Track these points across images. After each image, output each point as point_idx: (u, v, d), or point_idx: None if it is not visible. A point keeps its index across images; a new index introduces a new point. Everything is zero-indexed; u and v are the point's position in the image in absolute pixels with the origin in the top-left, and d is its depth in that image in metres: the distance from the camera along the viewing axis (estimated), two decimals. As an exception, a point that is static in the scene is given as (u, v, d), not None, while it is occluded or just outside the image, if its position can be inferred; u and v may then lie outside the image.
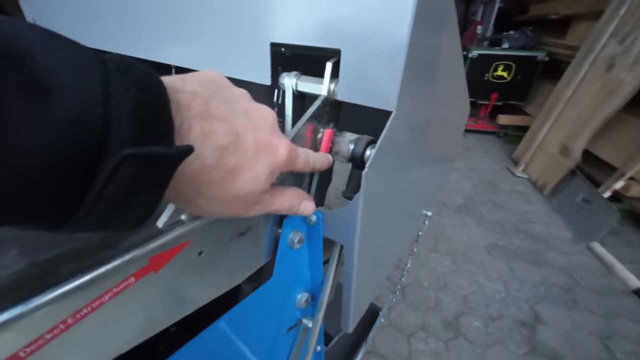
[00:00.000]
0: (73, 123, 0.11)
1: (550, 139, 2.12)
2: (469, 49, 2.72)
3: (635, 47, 1.65)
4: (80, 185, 0.12)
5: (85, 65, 0.12)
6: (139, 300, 0.20)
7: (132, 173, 0.12)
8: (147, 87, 0.13)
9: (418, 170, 0.42)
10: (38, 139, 0.10)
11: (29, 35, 0.11)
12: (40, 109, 0.10)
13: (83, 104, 0.11)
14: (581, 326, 1.19)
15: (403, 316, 1.21)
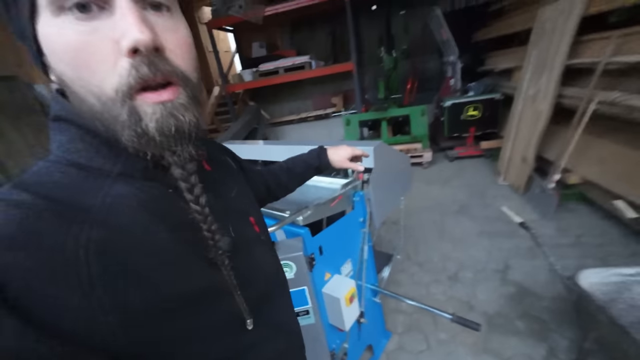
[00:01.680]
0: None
1: (514, 152, 2.92)
2: (444, 99, 3.72)
3: (543, 87, 2.54)
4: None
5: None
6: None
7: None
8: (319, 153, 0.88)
9: (390, 179, 1.32)
10: None
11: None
12: None
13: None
14: (536, 266, 1.87)
15: (422, 277, 1.96)
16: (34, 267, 0.24)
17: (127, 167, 0.31)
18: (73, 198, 0.28)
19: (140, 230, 0.29)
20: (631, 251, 1.85)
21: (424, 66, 6.15)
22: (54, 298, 0.24)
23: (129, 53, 0.26)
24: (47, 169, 0.30)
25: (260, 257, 0.45)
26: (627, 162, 1.96)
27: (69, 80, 0.28)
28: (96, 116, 0.29)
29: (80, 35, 0.26)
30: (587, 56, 2.20)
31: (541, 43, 2.62)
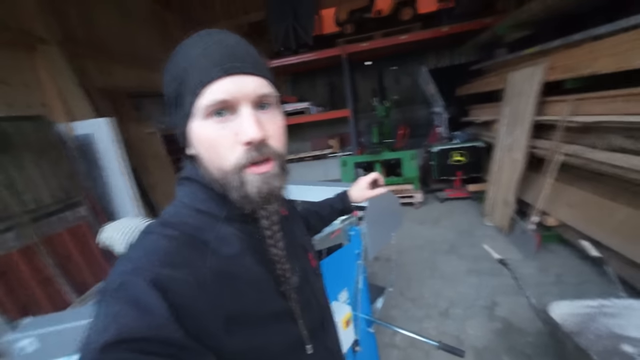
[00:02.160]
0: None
1: (497, 196, 3.16)
2: (432, 146, 4.07)
3: (516, 139, 2.86)
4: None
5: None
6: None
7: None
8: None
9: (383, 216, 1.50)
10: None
11: None
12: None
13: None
14: (521, 303, 1.98)
15: (415, 313, 2.05)
16: (187, 281, 0.34)
17: (230, 213, 0.42)
18: (197, 233, 0.39)
19: (240, 260, 0.40)
20: (606, 290, 1.99)
21: (413, 115, 6.70)
22: (195, 306, 0.34)
23: (245, 144, 0.38)
24: (179, 211, 0.43)
25: (316, 288, 0.53)
26: (593, 207, 2.19)
27: (202, 156, 0.41)
28: (216, 180, 0.41)
29: (216, 131, 0.38)
30: (551, 114, 2.55)
31: (513, 101, 3.01)
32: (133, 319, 0.30)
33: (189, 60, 0.38)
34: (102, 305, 0.32)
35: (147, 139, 4.78)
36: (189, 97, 0.38)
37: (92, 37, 4.33)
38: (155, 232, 0.39)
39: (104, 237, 1.20)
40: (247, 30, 6.43)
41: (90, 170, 3.51)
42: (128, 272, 0.34)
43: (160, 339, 0.29)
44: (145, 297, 0.31)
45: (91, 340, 0.29)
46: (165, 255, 0.35)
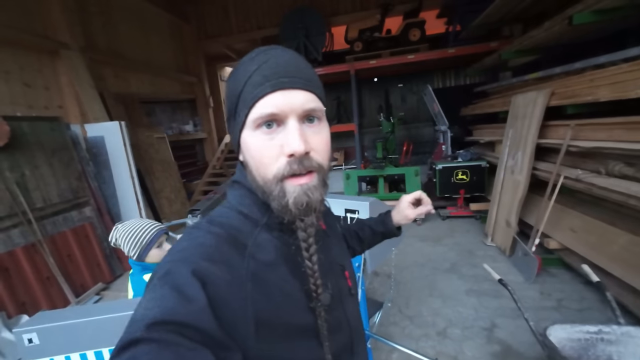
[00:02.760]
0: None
1: (499, 217, 3.16)
2: (436, 163, 4.10)
3: (519, 161, 2.89)
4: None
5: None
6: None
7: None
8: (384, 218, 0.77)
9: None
10: None
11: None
12: None
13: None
14: (520, 326, 1.96)
15: (413, 331, 2.03)
16: (224, 277, 0.36)
17: (270, 221, 0.44)
18: (238, 235, 0.42)
19: (275, 268, 0.42)
20: (607, 317, 1.96)
21: (418, 132, 6.78)
22: (230, 302, 0.36)
23: (288, 156, 0.40)
24: (227, 212, 0.46)
25: (350, 310, 0.51)
26: (594, 232, 2.19)
27: (249, 164, 0.44)
28: (260, 187, 0.43)
29: (263, 142, 0.40)
30: (553, 138, 2.59)
31: (516, 124, 3.06)
32: (175, 304, 0.32)
33: (246, 76, 0.40)
34: (151, 288, 0.35)
35: (156, 144, 4.88)
36: (243, 110, 0.41)
37: (112, 45, 4.52)
38: (202, 228, 0.42)
39: (114, 236, 1.23)
40: (260, 44, 6.65)
41: (99, 172, 3.58)
42: (174, 260, 0.37)
43: (196, 326, 0.31)
44: (187, 286, 0.33)
45: (138, 318, 0.31)
46: (207, 250, 0.38)
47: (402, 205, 0.74)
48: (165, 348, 0.28)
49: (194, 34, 6.35)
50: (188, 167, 6.27)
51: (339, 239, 0.59)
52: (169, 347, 0.29)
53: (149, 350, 0.28)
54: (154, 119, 5.72)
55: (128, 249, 1.18)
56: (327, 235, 0.53)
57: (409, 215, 0.73)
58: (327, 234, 0.53)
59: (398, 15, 5.59)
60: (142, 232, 1.17)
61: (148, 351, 0.28)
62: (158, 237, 1.18)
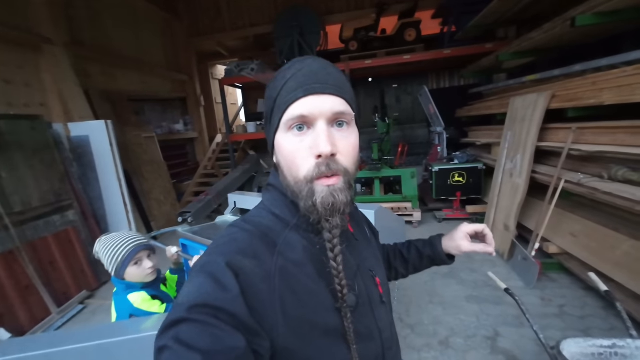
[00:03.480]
0: None
1: (497, 220, 3.12)
2: (432, 165, 4.06)
3: (518, 164, 2.86)
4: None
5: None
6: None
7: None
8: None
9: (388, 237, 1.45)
10: None
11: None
12: None
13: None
14: (525, 335, 1.91)
15: (414, 340, 1.96)
16: (255, 270, 0.40)
17: (299, 221, 0.47)
18: (270, 233, 0.45)
19: (302, 267, 0.44)
20: (610, 325, 1.93)
21: (413, 133, 6.75)
22: (259, 293, 0.39)
23: (316, 157, 0.42)
24: (261, 212, 0.50)
25: (380, 317, 0.50)
26: (596, 237, 2.16)
27: (282, 165, 0.46)
28: (290, 187, 0.45)
29: (294, 144, 0.43)
30: (554, 141, 2.56)
31: (515, 126, 3.03)
32: (211, 290, 0.36)
33: (282, 83, 0.44)
34: (193, 275, 0.39)
35: (145, 143, 4.71)
36: (277, 114, 0.44)
37: (98, 40, 4.33)
38: (238, 226, 0.46)
39: (95, 249, 1.12)
40: (252, 42, 6.51)
41: (84, 173, 3.41)
42: (212, 253, 0.41)
43: (230, 311, 0.35)
44: (222, 276, 0.37)
45: (181, 301, 0.35)
46: (240, 245, 0.42)
47: (457, 234, 0.68)
48: (204, 328, 0.33)
49: (185, 31, 6.17)
50: (178, 167, 6.09)
51: (369, 245, 0.59)
52: (207, 328, 0.33)
53: (191, 328, 0.33)
54: (142, 118, 5.53)
55: (106, 264, 1.07)
56: (355, 238, 0.54)
57: (462, 247, 0.67)
58: (355, 238, 0.54)
59: (393, 15, 5.54)
60: (119, 247, 1.06)
61: (189, 329, 0.32)
62: (135, 254, 1.07)
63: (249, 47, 6.73)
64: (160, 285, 1.24)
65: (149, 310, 1.04)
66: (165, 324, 0.34)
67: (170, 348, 0.31)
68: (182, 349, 0.31)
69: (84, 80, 3.87)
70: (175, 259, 1.29)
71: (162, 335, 0.33)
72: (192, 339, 0.32)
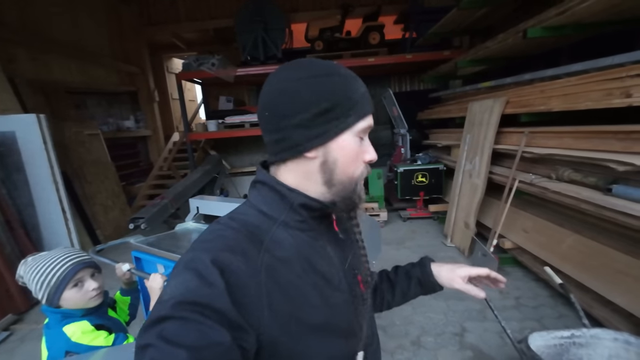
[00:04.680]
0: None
1: (458, 218, 3.29)
2: (397, 166, 4.17)
3: (476, 165, 3.04)
4: None
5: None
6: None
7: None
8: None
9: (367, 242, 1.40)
10: None
11: None
12: None
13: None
14: (488, 329, 2.01)
15: (386, 343, 1.96)
16: (242, 267, 0.40)
17: (287, 219, 0.47)
18: (256, 231, 0.45)
19: (289, 262, 0.44)
20: (559, 313, 2.12)
21: (376, 135, 6.91)
22: (245, 289, 0.39)
23: (367, 162, 0.50)
24: (247, 210, 0.49)
25: (362, 315, 0.52)
26: (545, 232, 2.36)
27: (337, 162, 0.47)
28: (338, 184, 0.47)
29: (358, 148, 0.48)
30: (509, 144, 2.76)
31: (473, 130, 3.22)
32: (196, 287, 0.36)
33: (360, 91, 0.47)
34: (175, 274, 0.39)
35: (88, 141, 4.18)
36: (355, 116, 0.46)
37: (27, 21, 3.73)
38: (223, 223, 0.47)
39: (19, 274, 0.91)
40: (212, 35, 6.15)
41: (8, 176, 2.91)
42: (198, 250, 0.41)
43: (215, 307, 0.35)
44: (207, 272, 0.37)
45: (165, 298, 0.36)
46: (226, 241, 0.42)
47: (458, 271, 0.68)
48: (189, 325, 0.33)
49: (135, 18, 5.61)
50: (129, 168, 5.52)
51: (352, 245, 0.59)
52: (192, 324, 0.33)
53: (175, 325, 0.33)
54: (84, 113, 4.91)
55: (34, 290, 0.87)
56: (342, 239, 0.56)
57: (456, 283, 0.67)
58: (341, 237, 0.56)
59: (358, 17, 5.61)
60: (52, 267, 0.87)
61: (174, 327, 0.33)
62: (73, 274, 0.88)
63: (209, 41, 6.34)
64: (108, 310, 1.05)
65: (92, 344, 0.86)
66: (148, 322, 0.34)
67: (154, 346, 0.31)
68: (167, 347, 0.31)
69: (8, 66, 3.31)
70: (127, 278, 1.11)
71: (145, 334, 0.33)
72: (177, 336, 0.32)
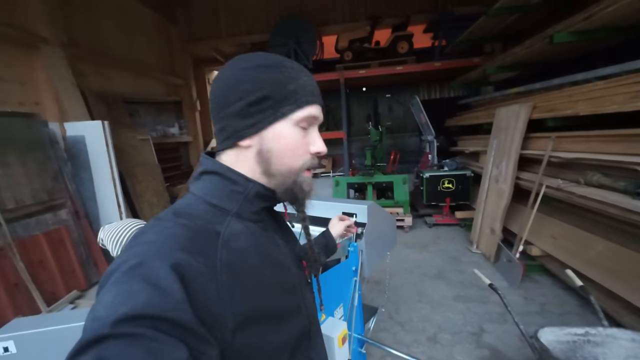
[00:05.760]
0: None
1: (484, 224, 3.25)
2: (423, 172, 4.20)
3: (503, 170, 3.01)
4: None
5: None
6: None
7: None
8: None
9: (380, 234, 1.53)
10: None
11: None
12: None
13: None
14: (508, 331, 2.01)
15: (404, 337, 2.03)
16: (200, 267, 0.36)
17: (241, 210, 0.46)
18: (209, 225, 0.42)
19: (247, 254, 0.43)
20: (587, 321, 2.05)
21: (404, 141, 6.94)
22: (207, 294, 0.36)
23: (314, 154, 0.49)
24: (192, 204, 0.45)
25: (307, 296, 0.55)
26: (574, 239, 2.30)
27: (271, 152, 0.46)
28: (276, 174, 0.47)
29: (299, 138, 0.47)
30: (535, 149, 2.72)
31: (500, 135, 3.20)
32: (149, 298, 0.30)
33: (298, 82, 0.47)
34: (114, 283, 0.32)
35: (139, 145, 4.71)
36: (291, 105, 0.46)
37: (94, 41, 4.36)
38: (170, 219, 0.41)
39: (100, 237, 1.17)
40: (249, 49, 6.63)
41: (77, 173, 3.40)
42: (147, 253, 0.35)
43: (172, 320, 0.30)
44: (162, 278, 0.32)
45: (103, 315, 0.29)
46: (179, 241, 0.37)
47: (337, 227, 0.93)
48: (135, 343, 0.27)
49: (182, 35, 6.25)
50: (172, 170, 6.07)
51: (292, 234, 0.63)
52: (139, 342, 0.27)
53: (119, 346, 0.27)
54: (137, 120, 5.53)
55: (111, 248, 1.12)
56: (291, 225, 0.61)
57: (341, 232, 0.94)
58: (292, 225, 0.62)
59: (387, 28, 5.76)
60: (122, 230, 1.12)
61: (116, 347, 0.27)
62: None
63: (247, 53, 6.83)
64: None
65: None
66: (80, 345, 0.27)
67: None
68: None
69: (80, 80, 3.89)
70: None
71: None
72: (119, 357, 0.26)
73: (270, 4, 5.89)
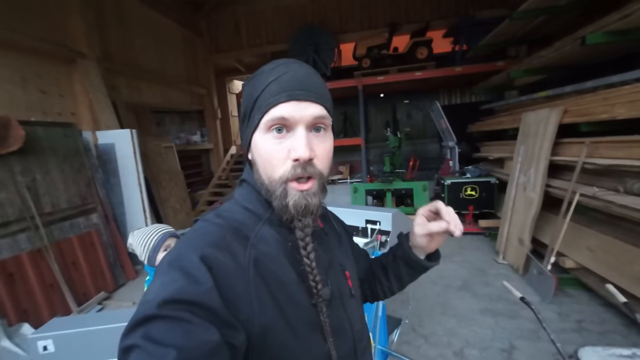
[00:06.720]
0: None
1: (511, 234, 3.10)
2: (444, 179, 4.09)
3: (531, 178, 2.88)
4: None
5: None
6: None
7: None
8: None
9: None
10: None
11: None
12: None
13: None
14: (541, 349, 1.88)
15: (428, 350, 1.95)
16: (228, 263, 0.40)
17: (272, 216, 0.47)
18: (242, 227, 0.45)
19: (275, 258, 0.44)
20: (632, 342, 1.89)
21: (424, 148, 6.81)
22: (233, 285, 0.39)
23: (294, 160, 0.43)
24: (232, 207, 0.49)
25: (351, 310, 0.51)
26: (614, 252, 2.14)
27: (257, 163, 0.47)
28: (263, 185, 0.46)
29: (273, 145, 0.44)
30: (567, 155, 2.58)
31: (527, 141, 3.07)
32: (184, 285, 0.35)
33: (264, 85, 0.44)
34: (161, 272, 0.38)
35: (164, 153, 4.90)
36: (257, 113, 0.45)
37: (126, 55, 4.63)
38: (209, 220, 0.46)
39: (129, 242, 1.21)
40: (269, 58, 6.81)
41: (107, 179, 3.58)
42: (183, 248, 0.41)
43: (204, 304, 0.34)
44: (194, 269, 0.36)
45: (150, 298, 0.34)
46: (212, 238, 0.42)
47: (417, 219, 0.56)
48: (176, 324, 0.32)
49: (205, 47, 6.52)
50: (194, 177, 6.27)
51: (339, 241, 0.60)
52: (179, 324, 0.32)
53: (162, 326, 0.31)
54: (163, 129, 5.78)
55: (139, 252, 1.16)
56: (325, 233, 0.55)
57: (416, 231, 0.56)
58: (325, 233, 0.55)
59: (405, 34, 5.74)
60: (149, 235, 1.16)
61: (160, 327, 0.31)
62: (164, 240, 1.16)
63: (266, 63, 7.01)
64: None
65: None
66: (132, 323, 0.32)
67: (139, 347, 0.30)
68: (154, 347, 0.30)
69: (112, 92, 4.12)
70: None
71: (129, 335, 0.31)
72: (164, 335, 0.31)
73: (289, 14, 6.04)
